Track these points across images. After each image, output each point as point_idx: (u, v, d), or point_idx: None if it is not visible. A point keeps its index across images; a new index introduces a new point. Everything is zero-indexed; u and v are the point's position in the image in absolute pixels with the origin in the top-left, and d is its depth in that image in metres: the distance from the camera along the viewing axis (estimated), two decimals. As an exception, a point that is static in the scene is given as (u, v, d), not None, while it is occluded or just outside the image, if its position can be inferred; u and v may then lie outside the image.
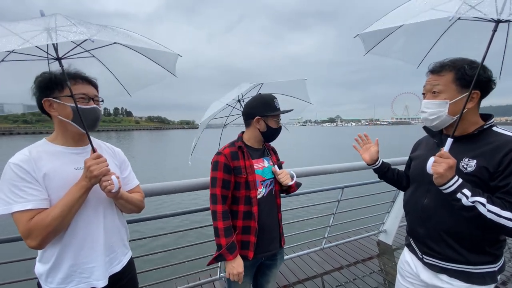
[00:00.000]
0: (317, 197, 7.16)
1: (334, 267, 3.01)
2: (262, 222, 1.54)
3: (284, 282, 2.74)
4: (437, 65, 1.20)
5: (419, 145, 1.50)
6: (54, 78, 1.09)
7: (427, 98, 1.22)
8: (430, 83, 1.20)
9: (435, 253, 1.25)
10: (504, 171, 1.04)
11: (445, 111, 1.16)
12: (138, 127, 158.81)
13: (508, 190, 1.03)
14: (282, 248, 1.72)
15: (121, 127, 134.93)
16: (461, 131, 1.19)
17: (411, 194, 1.40)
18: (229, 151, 1.52)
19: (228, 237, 1.44)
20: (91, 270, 1.14)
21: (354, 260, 3.15)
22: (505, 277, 2.79)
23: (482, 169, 1.08)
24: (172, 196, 2.92)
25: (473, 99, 1.13)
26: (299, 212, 6.77)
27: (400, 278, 1.49)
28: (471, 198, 1.01)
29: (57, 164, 1.09)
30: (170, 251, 2.37)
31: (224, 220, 1.46)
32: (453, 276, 1.20)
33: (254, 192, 1.50)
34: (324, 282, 2.76)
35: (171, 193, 1.90)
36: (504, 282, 2.70)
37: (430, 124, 1.24)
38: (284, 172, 1.59)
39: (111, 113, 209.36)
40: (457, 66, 1.13)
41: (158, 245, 5.25)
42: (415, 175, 1.39)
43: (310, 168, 2.52)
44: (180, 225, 6.37)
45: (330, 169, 2.66)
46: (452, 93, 1.14)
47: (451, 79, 1.14)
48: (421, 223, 1.30)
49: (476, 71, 1.07)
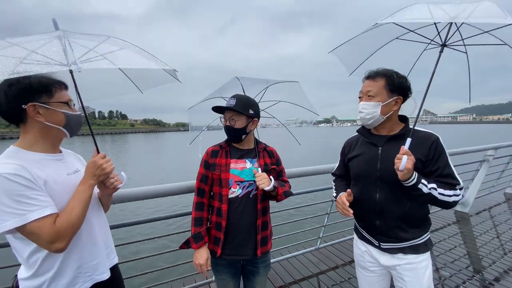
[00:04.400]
0: (311, 198, 7.20)
1: (330, 267, 3.04)
2: (233, 223, 1.54)
3: (280, 283, 2.75)
4: (372, 72, 1.42)
5: (351, 146, 1.63)
6: (41, 83, 1.04)
7: (363, 100, 1.41)
8: (366, 88, 1.41)
9: (391, 239, 1.43)
10: (433, 158, 1.31)
11: (378, 111, 1.37)
12: (133, 130, 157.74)
13: (440, 173, 1.30)
14: (266, 256, 1.67)
15: (116, 130, 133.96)
16: (389, 130, 1.45)
17: (360, 191, 1.50)
18: (212, 149, 1.63)
19: (196, 227, 1.56)
20: (94, 267, 1.17)
21: (349, 259, 3.18)
22: (497, 273, 2.85)
23: (417, 160, 1.28)
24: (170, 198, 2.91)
25: (397, 103, 1.38)
26: (293, 212, 6.81)
27: (362, 270, 1.63)
28: (428, 185, 1.24)
29: (50, 172, 1.05)
30: (165, 254, 2.37)
31: (196, 210, 1.59)
32: (407, 252, 1.42)
33: (225, 190, 1.53)
34: (320, 282, 2.77)
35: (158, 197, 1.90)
36: (496, 279, 2.76)
37: (366, 123, 1.44)
38: (262, 175, 1.49)
39: (105, 116, 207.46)
40: (387, 74, 1.37)
41: (154, 248, 5.22)
42: (360, 173, 1.51)
43: (303, 169, 2.54)
44: (178, 227, 6.35)
45: (323, 169, 2.69)
46: (383, 96, 1.36)
47: (383, 84, 1.36)
48: (377, 216, 1.44)
49: (402, 79, 1.36)
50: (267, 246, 1.63)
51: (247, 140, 1.61)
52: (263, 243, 1.60)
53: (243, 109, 1.51)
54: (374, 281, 1.59)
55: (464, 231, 3.93)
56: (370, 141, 1.48)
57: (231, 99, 1.53)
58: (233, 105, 1.50)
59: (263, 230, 1.60)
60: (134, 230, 6.16)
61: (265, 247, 1.61)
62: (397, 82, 1.35)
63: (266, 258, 1.68)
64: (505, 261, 3.10)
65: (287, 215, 6.08)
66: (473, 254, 3.29)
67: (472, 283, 2.71)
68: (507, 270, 2.92)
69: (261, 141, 1.76)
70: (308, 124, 2.46)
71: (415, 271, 1.41)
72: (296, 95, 2.11)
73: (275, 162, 1.69)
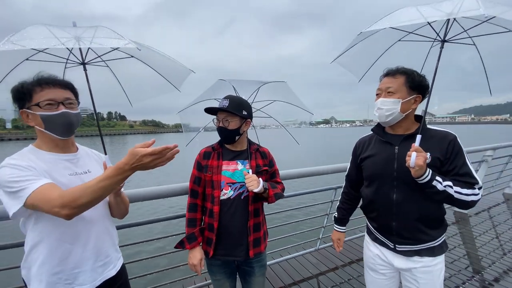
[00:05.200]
0: (311, 198, 7.18)
1: (329, 268, 3.03)
2: (224, 224, 1.54)
3: (280, 284, 2.74)
4: (392, 69, 1.39)
5: (364, 146, 1.58)
6: (22, 88, 1.06)
7: (383, 96, 1.38)
8: (385, 84, 1.38)
9: (408, 240, 1.40)
10: (450, 157, 1.29)
11: (398, 108, 1.34)
12: (132, 131, 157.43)
13: (457, 172, 1.28)
14: (261, 256, 1.65)
15: (115, 132, 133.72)
16: (405, 129, 1.41)
17: (376, 192, 1.47)
18: (204, 151, 1.63)
19: (190, 228, 1.58)
20: (75, 275, 1.11)
21: (349, 260, 3.17)
22: (497, 274, 2.84)
23: (435, 159, 1.29)
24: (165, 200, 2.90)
25: (416, 101, 1.36)
26: (293, 213, 6.79)
27: (372, 272, 1.59)
28: (444, 183, 1.22)
29: (53, 170, 1.08)
30: (164, 256, 2.36)
31: (189, 211, 1.61)
32: (423, 255, 1.39)
33: (217, 192, 1.53)
34: (320, 283, 2.77)
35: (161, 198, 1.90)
36: (496, 279, 2.76)
37: (384, 120, 1.40)
38: (252, 177, 1.47)
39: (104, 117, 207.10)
40: (408, 71, 1.35)
41: (151, 250, 5.20)
42: (376, 173, 1.47)
43: (302, 170, 2.53)
44: (174, 229, 6.32)
45: (322, 170, 2.68)
46: (403, 93, 1.34)
47: (403, 82, 1.34)
48: (394, 217, 1.41)
49: (422, 78, 1.35)
50: (260, 247, 1.62)
51: (240, 141, 1.60)
52: (256, 244, 1.59)
53: (236, 110, 1.50)
54: (383, 284, 1.56)
55: (464, 232, 3.93)
56: (386, 140, 1.44)
57: (224, 100, 1.52)
58: (227, 106, 1.49)
59: (255, 231, 1.59)
60: (131, 233, 6.14)
61: (257, 248, 1.60)
62: (418, 80, 1.33)
63: (261, 258, 1.66)
64: (505, 261, 3.10)
65: (286, 217, 6.07)
66: (473, 254, 3.29)
67: (472, 283, 2.71)
68: (506, 270, 2.92)
69: (254, 141, 1.75)
70: (307, 124, 2.47)
71: (430, 274, 1.38)
72: (288, 94, 2.14)
73: (268, 163, 1.67)
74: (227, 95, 1.56)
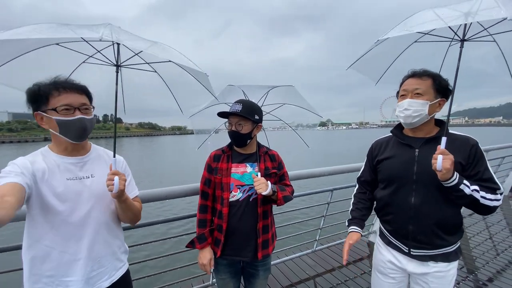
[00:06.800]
0: (307, 200, 7.21)
1: (326, 269, 3.05)
2: (233, 226, 1.56)
3: (277, 286, 2.75)
4: (417, 71, 1.36)
5: (381, 148, 1.54)
6: (39, 90, 1.06)
7: (410, 97, 1.34)
8: (412, 85, 1.34)
9: (424, 245, 1.37)
10: (473, 162, 1.28)
11: (426, 110, 1.31)
12: (128, 133, 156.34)
13: (480, 177, 1.26)
14: (267, 259, 1.68)
15: (110, 134, 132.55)
16: (426, 132, 1.40)
17: (393, 194, 1.43)
18: (214, 153, 1.66)
19: (200, 228, 1.63)
20: (66, 283, 1.10)
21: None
22: (491, 274, 2.88)
23: (457, 163, 1.24)
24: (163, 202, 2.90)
25: (440, 105, 1.35)
26: (290, 215, 6.80)
27: (381, 276, 1.57)
28: (471, 187, 1.20)
29: (51, 171, 1.09)
30: (160, 258, 2.35)
31: (200, 212, 1.65)
32: (438, 260, 1.36)
33: (226, 194, 1.56)
34: (317, 284, 2.78)
35: (163, 199, 1.90)
36: (490, 279, 2.80)
37: (410, 121, 1.36)
38: (260, 180, 1.48)
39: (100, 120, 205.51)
40: (434, 74, 1.33)
41: (147, 253, 5.17)
42: (394, 175, 1.43)
43: (299, 172, 2.56)
44: (171, 231, 6.30)
45: (318, 172, 2.71)
46: (431, 96, 1.32)
47: (430, 84, 1.32)
48: (411, 221, 1.38)
49: (447, 82, 1.32)
50: (268, 249, 1.63)
51: (250, 144, 1.63)
52: (264, 246, 1.61)
53: (249, 114, 1.52)
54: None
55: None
56: (406, 143, 1.41)
57: (237, 104, 1.54)
58: (240, 111, 1.51)
59: (264, 233, 1.61)
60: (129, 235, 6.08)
61: (266, 250, 1.62)
62: (444, 84, 1.32)
63: (267, 262, 1.69)
64: (498, 261, 3.15)
65: (283, 218, 6.08)
66: (467, 255, 3.34)
67: (466, 283, 2.75)
68: (500, 270, 2.96)
69: (263, 144, 1.77)
70: (314, 125, 2.51)
71: (443, 279, 1.37)
72: (296, 98, 2.16)
73: (276, 166, 1.68)
74: (239, 100, 1.59)
